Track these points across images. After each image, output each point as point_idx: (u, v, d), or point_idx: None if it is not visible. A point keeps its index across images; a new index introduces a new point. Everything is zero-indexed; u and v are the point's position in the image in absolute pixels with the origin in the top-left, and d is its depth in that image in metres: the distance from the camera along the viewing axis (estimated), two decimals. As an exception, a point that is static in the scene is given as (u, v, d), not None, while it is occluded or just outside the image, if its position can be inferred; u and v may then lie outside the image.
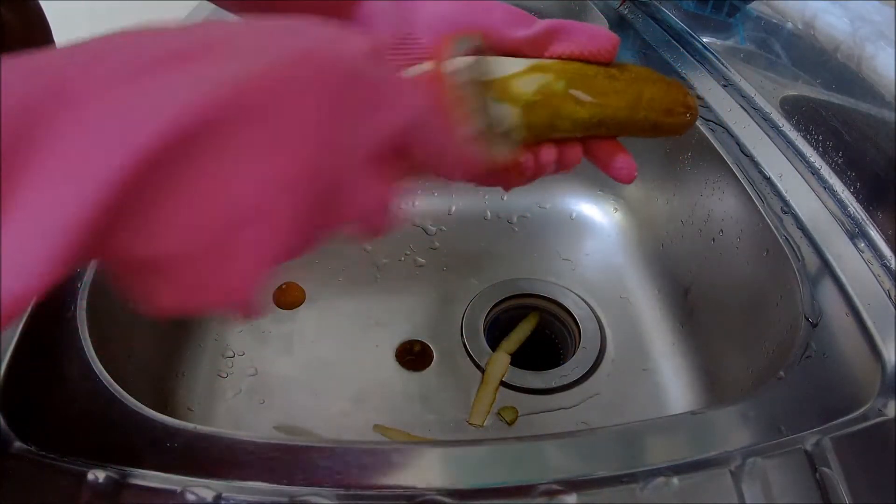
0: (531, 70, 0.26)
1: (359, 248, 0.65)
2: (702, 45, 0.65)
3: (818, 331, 0.37)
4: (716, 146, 0.52)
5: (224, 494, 0.28)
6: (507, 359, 0.53)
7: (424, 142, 0.21)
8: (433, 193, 0.69)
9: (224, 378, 0.52)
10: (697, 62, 0.63)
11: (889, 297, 0.38)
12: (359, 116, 0.18)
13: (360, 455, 0.30)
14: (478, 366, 0.54)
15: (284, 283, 0.60)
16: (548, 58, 0.27)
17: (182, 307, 0.18)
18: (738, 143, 0.52)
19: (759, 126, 0.53)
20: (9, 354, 0.34)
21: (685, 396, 0.51)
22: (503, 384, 0.52)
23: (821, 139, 0.48)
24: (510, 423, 0.50)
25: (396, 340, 0.56)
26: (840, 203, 0.45)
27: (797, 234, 0.43)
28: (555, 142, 0.28)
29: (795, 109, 0.52)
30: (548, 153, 0.27)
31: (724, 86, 0.59)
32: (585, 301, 0.59)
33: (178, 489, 0.28)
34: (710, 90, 0.58)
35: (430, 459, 0.30)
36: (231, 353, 0.54)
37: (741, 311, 0.48)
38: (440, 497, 0.28)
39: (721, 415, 0.32)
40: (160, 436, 0.30)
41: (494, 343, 0.56)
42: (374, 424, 0.49)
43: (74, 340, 0.36)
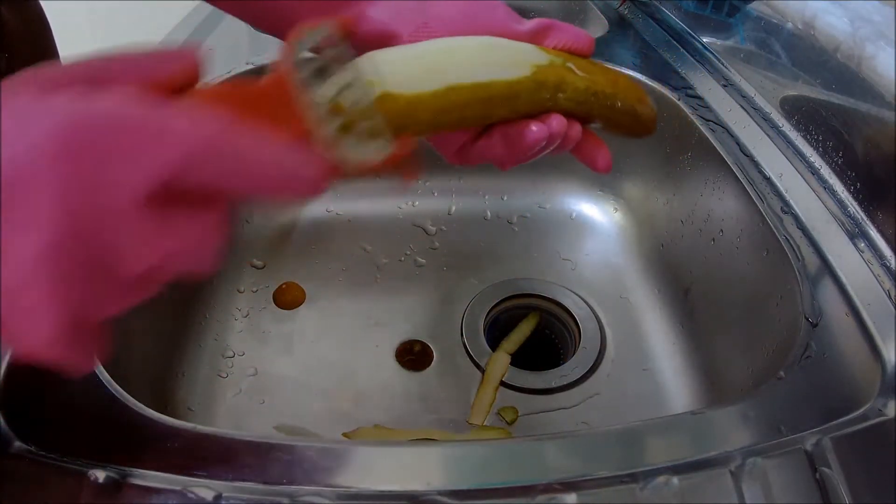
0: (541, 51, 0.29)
1: (359, 248, 0.65)
2: (702, 45, 0.65)
3: (818, 331, 0.37)
4: (716, 146, 0.52)
5: (224, 494, 0.28)
6: (507, 359, 0.53)
7: (224, 168, 0.19)
8: (433, 193, 0.69)
9: (224, 378, 0.52)
10: (697, 62, 0.63)
11: (889, 297, 0.38)
12: (110, 170, 0.17)
13: (360, 455, 0.30)
14: (478, 366, 0.54)
15: (284, 283, 0.60)
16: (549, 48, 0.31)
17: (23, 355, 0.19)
18: (738, 143, 0.52)
19: (759, 126, 0.53)
20: (9, 354, 0.34)
21: (685, 396, 0.51)
22: (503, 384, 0.52)
23: (821, 139, 0.48)
24: (510, 423, 0.50)
25: (396, 340, 0.56)
26: (840, 203, 0.45)
27: (797, 234, 0.43)
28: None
29: (795, 109, 0.52)
30: (559, 121, 0.29)
31: (724, 86, 0.59)
32: (585, 301, 0.59)
33: (178, 489, 0.28)
34: (710, 90, 0.58)
35: (430, 459, 0.30)
36: (231, 353, 0.54)
37: (741, 311, 0.48)
38: (440, 497, 0.28)
39: (721, 415, 0.32)
40: (160, 436, 0.30)
41: (494, 343, 0.56)
42: (342, 433, 0.48)
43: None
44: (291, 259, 0.63)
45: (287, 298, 0.59)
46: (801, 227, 0.43)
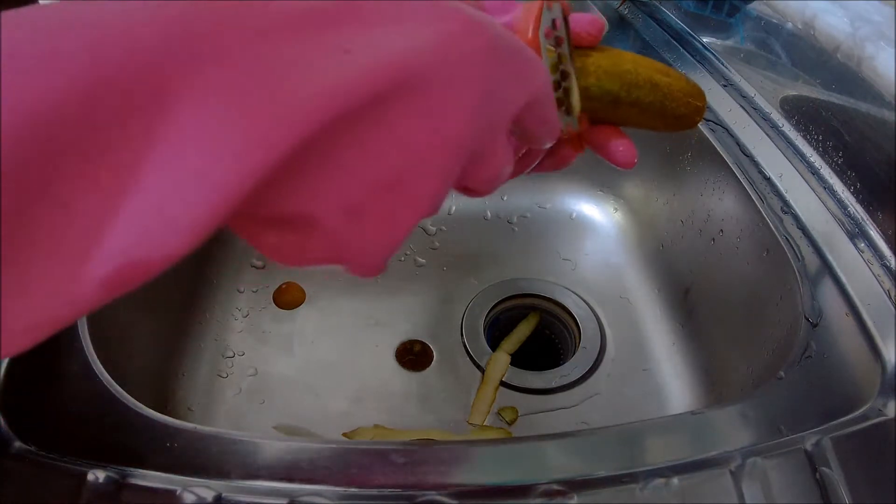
0: None
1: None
2: (702, 45, 0.65)
3: (818, 331, 0.37)
4: (716, 146, 0.52)
5: (224, 494, 0.28)
6: (507, 359, 0.53)
7: (540, 113, 0.22)
8: (433, 193, 0.69)
9: (224, 378, 0.52)
10: (697, 62, 0.63)
11: (889, 297, 0.38)
12: (504, 87, 0.19)
13: (360, 455, 0.30)
14: (478, 366, 0.54)
15: (284, 283, 0.60)
16: None
17: (312, 263, 0.18)
18: (738, 143, 0.52)
19: (759, 126, 0.53)
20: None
21: (685, 396, 0.51)
22: (503, 384, 0.52)
23: (821, 139, 0.48)
24: (510, 423, 0.50)
25: (396, 340, 0.56)
26: (840, 203, 0.45)
27: (797, 234, 0.43)
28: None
29: (795, 109, 0.52)
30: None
31: (724, 86, 0.59)
32: (585, 301, 0.59)
33: (178, 489, 0.28)
34: (710, 90, 0.58)
35: (430, 459, 0.30)
36: (231, 353, 0.54)
37: (741, 311, 0.48)
38: (440, 497, 0.28)
39: (721, 415, 0.32)
40: (160, 436, 0.30)
41: (494, 343, 0.56)
42: (342, 433, 0.49)
43: (74, 340, 0.36)
44: (291, 259, 0.63)
45: (287, 298, 0.59)
46: (801, 227, 0.43)
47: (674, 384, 0.52)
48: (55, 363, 0.35)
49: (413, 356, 0.55)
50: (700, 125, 0.54)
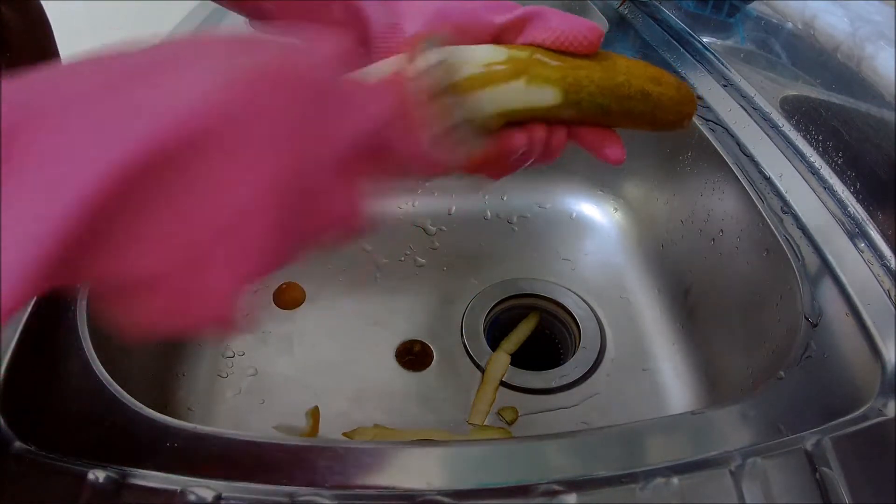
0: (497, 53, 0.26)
1: (359, 248, 0.65)
2: (702, 45, 0.65)
3: (818, 331, 0.37)
4: (716, 146, 0.52)
5: (224, 494, 0.28)
6: (507, 359, 0.53)
7: (393, 143, 0.21)
8: (433, 193, 0.69)
9: (224, 378, 0.52)
10: (697, 62, 0.63)
11: (889, 297, 0.38)
12: (326, 124, 0.19)
13: (360, 455, 0.30)
14: (478, 366, 0.54)
15: (284, 283, 0.60)
16: (522, 44, 0.27)
17: (164, 327, 0.18)
18: (738, 143, 0.52)
19: (759, 126, 0.53)
20: (9, 354, 0.34)
21: (685, 396, 0.51)
22: (503, 384, 0.52)
23: (821, 139, 0.48)
24: (510, 423, 0.50)
25: (396, 340, 0.56)
26: (840, 203, 0.45)
27: (797, 234, 0.43)
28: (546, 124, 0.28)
29: (795, 109, 0.52)
30: (539, 130, 0.27)
31: (724, 86, 0.59)
32: (585, 301, 0.59)
33: (178, 489, 0.28)
34: (710, 90, 0.58)
35: (430, 459, 0.30)
36: (231, 353, 0.54)
37: (741, 311, 0.48)
38: (440, 497, 0.28)
39: (721, 415, 0.32)
40: (160, 436, 0.30)
41: (494, 343, 0.56)
42: (342, 433, 0.49)
43: (74, 340, 0.36)
44: (291, 259, 0.63)
45: (287, 298, 0.59)
46: (801, 227, 0.43)
47: (674, 384, 0.52)
48: (55, 363, 0.35)
49: (413, 356, 0.55)
50: (700, 125, 0.54)
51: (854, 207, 0.44)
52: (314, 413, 0.50)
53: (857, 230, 0.43)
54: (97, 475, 0.28)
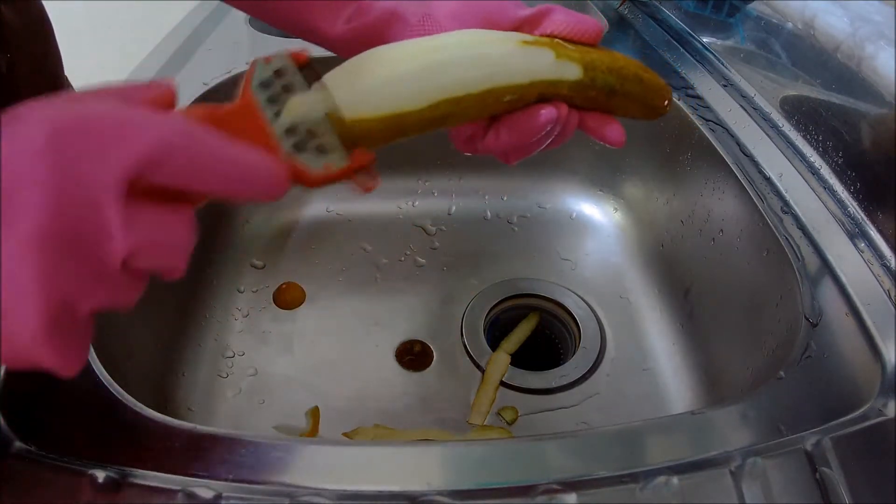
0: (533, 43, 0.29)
1: (359, 248, 0.65)
2: (702, 45, 0.65)
3: (818, 331, 0.37)
4: (716, 146, 0.52)
5: (224, 494, 0.28)
6: (507, 359, 0.53)
7: (189, 169, 0.20)
8: (433, 193, 0.69)
9: (224, 378, 0.52)
10: (697, 62, 0.63)
11: (889, 297, 0.38)
12: (84, 163, 0.19)
13: (360, 455, 0.30)
14: (478, 366, 0.54)
15: (284, 283, 0.60)
16: (540, 35, 0.31)
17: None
18: (738, 143, 0.52)
19: (759, 126, 0.53)
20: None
21: (685, 396, 0.51)
22: (503, 384, 0.52)
23: (821, 139, 0.48)
24: (510, 423, 0.50)
25: (396, 340, 0.56)
26: (840, 203, 0.45)
27: (797, 234, 0.43)
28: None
29: (795, 109, 0.52)
30: (562, 107, 0.30)
31: (724, 86, 0.59)
32: (585, 301, 0.59)
33: (178, 489, 0.28)
34: (710, 90, 0.58)
35: (430, 459, 0.30)
36: (231, 353, 0.54)
37: (741, 311, 0.48)
38: (440, 497, 0.28)
39: (721, 415, 0.32)
40: (160, 436, 0.30)
41: (494, 343, 0.56)
42: (342, 433, 0.49)
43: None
44: (291, 259, 0.63)
45: (287, 298, 0.59)
46: (801, 227, 0.43)
47: (674, 384, 0.52)
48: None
49: (413, 356, 0.55)
50: (700, 125, 0.54)
51: (854, 207, 0.44)
52: (314, 413, 0.50)
53: (857, 230, 0.43)
54: (97, 475, 0.28)
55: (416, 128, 0.27)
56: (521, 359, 0.54)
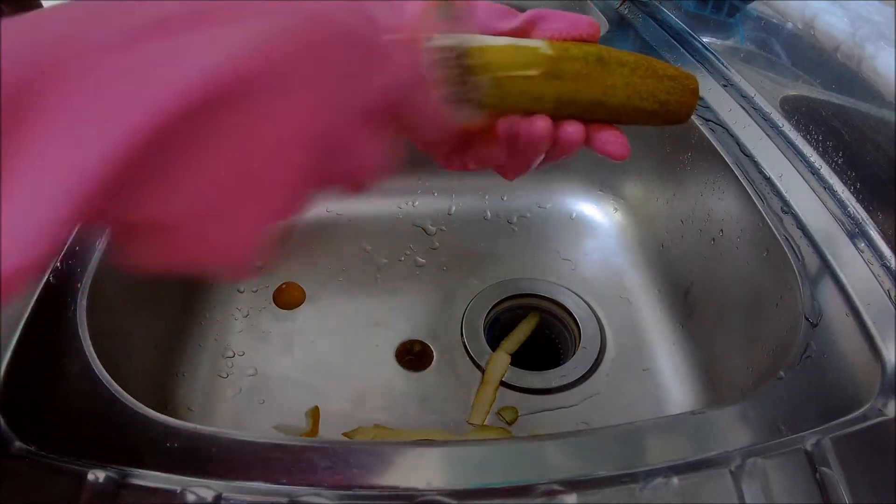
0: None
1: (359, 248, 0.65)
2: (702, 45, 0.65)
3: (818, 331, 0.37)
4: (716, 146, 0.52)
5: (224, 494, 0.28)
6: (507, 359, 0.53)
7: (411, 102, 0.22)
8: (433, 193, 0.69)
9: (224, 378, 0.52)
10: (697, 62, 0.63)
11: (889, 297, 0.38)
12: (356, 77, 0.19)
13: (360, 455, 0.30)
14: (478, 366, 0.54)
15: (284, 283, 0.60)
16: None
17: (180, 266, 0.18)
18: (738, 143, 0.52)
19: (759, 126, 0.53)
20: (9, 354, 0.34)
21: (685, 396, 0.51)
22: (503, 384, 0.52)
23: (821, 139, 0.48)
24: (510, 423, 0.50)
25: (396, 340, 0.56)
26: (840, 203, 0.45)
27: (797, 234, 0.43)
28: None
29: (795, 109, 0.52)
30: (544, 121, 0.28)
31: (724, 86, 0.59)
32: (585, 301, 0.59)
33: (178, 489, 0.28)
34: (710, 90, 0.58)
35: (430, 459, 0.30)
36: (231, 353, 0.54)
37: (741, 311, 0.48)
38: (440, 497, 0.28)
39: (721, 415, 0.32)
40: (160, 436, 0.30)
41: (494, 343, 0.56)
42: (342, 433, 0.49)
43: (74, 340, 0.36)
44: (291, 259, 0.63)
45: (287, 298, 0.59)
46: (801, 227, 0.43)
47: (674, 384, 0.52)
48: (55, 363, 0.35)
49: (413, 356, 0.55)
50: (700, 125, 0.54)
51: (854, 207, 0.44)
52: (314, 413, 0.50)
53: (857, 230, 0.43)
54: (97, 475, 0.28)
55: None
56: (521, 359, 0.54)
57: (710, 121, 0.54)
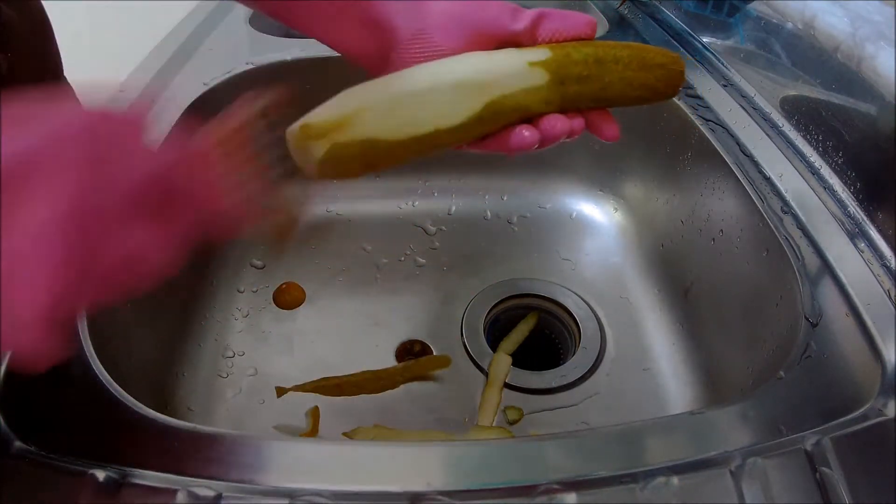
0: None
1: (359, 248, 0.65)
2: (702, 45, 0.65)
3: (818, 331, 0.37)
4: (716, 146, 0.52)
5: (224, 494, 0.28)
6: (509, 359, 0.53)
7: (186, 192, 0.23)
8: (433, 193, 0.69)
9: (224, 378, 0.52)
10: (697, 62, 0.63)
11: (889, 297, 0.38)
12: (105, 173, 0.21)
13: (360, 455, 0.30)
14: (478, 366, 0.54)
15: (284, 284, 0.60)
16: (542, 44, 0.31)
17: None
18: (738, 143, 0.52)
19: (759, 126, 0.53)
20: (9, 354, 0.34)
21: (685, 396, 0.51)
22: (503, 384, 0.52)
23: (821, 139, 0.48)
24: (514, 423, 0.50)
25: (396, 340, 0.56)
26: (840, 203, 0.45)
27: (797, 234, 0.43)
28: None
29: (795, 109, 0.52)
30: (553, 121, 0.30)
31: (724, 86, 0.59)
32: (585, 301, 0.59)
33: (178, 489, 0.28)
34: (710, 90, 0.58)
35: (430, 459, 0.30)
36: (231, 353, 0.54)
37: (741, 311, 0.48)
38: (440, 497, 0.28)
39: (721, 415, 0.32)
40: (160, 436, 0.30)
41: (494, 343, 0.56)
42: (342, 433, 0.49)
43: (74, 340, 0.36)
44: (291, 259, 0.63)
45: (287, 298, 0.59)
46: (801, 227, 0.43)
47: (674, 384, 0.52)
48: (55, 363, 0.35)
49: (413, 356, 0.55)
50: (700, 125, 0.54)
51: (854, 207, 0.44)
52: (314, 413, 0.50)
53: (857, 230, 0.43)
54: (97, 475, 0.28)
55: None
56: (522, 359, 0.54)
57: (710, 121, 0.54)
